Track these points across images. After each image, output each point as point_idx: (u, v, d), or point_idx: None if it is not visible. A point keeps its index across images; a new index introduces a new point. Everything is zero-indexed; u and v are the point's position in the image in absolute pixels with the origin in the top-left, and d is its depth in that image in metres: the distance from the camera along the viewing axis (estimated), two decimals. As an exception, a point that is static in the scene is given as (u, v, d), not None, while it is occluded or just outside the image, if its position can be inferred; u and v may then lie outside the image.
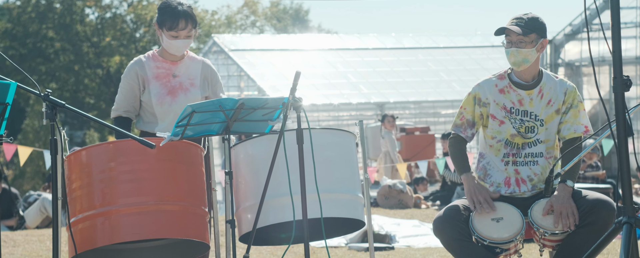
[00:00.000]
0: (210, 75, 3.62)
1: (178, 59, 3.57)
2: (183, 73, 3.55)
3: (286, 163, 3.22)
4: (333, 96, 16.56)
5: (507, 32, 3.35)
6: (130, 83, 3.52)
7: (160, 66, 3.54)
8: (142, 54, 3.67)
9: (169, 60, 3.56)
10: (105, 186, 3.02)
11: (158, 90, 3.50)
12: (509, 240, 3.25)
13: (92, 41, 27.18)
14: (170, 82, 3.52)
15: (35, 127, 23.68)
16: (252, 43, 18.70)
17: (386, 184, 8.83)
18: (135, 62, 3.55)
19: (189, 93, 3.52)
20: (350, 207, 3.43)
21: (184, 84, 3.53)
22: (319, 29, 36.42)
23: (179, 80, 3.53)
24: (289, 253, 5.50)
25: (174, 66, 3.55)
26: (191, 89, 3.53)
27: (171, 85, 3.52)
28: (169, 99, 3.50)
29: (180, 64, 3.56)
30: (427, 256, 5.44)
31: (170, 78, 3.53)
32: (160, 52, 3.59)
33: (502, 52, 18.45)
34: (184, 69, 3.56)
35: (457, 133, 3.48)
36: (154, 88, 3.50)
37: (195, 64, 3.60)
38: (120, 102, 3.55)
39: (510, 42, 3.35)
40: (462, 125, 3.47)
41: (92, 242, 3.00)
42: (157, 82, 3.51)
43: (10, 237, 6.36)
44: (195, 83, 3.55)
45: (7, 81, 2.76)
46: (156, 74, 3.52)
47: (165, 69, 3.54)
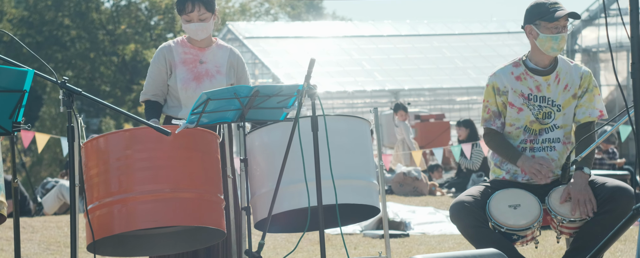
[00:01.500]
0: (236, 63, 3.64)
1: (205, 46, 3.59)
2: (210, 60, 3.58)
3: (301, 150, 3.23)
4: (347, 83, 16.53)
5: (558, 15, 3.28)
6: (159, 67, 3.56)
7: (188, 52, 3.57)
8: (157, 41, 3.69)
9: (197, 47, 3.59)
10: (122, 173, 3.04)
11: (184, 75, 3.53)
12: (526, 227, 3.24)
13: (108, 29, 27.29)
14: (197, 68, 3.55)
15: (52, 114, 23.85)
16: (266, 30, 18.69)
17: (401, 171, 8.83)
18: (164, 46, 3.59)
19: (214, 80, 3.54)
20: (365, 194, 3.44)
21: (211, 70, 3.56)
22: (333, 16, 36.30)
23: (205, 66, 3.56)
24: (304, 240, 5.53)
25: (202, 52, 3.58)
26: (217, 76, 3.56)
27: (197, 71, 3.55)
28: (193, 84, 3.52)
29: (208, 51, 3.59)
30: (443, 243, 5.44)
31: (197, 64, 3.55)
32: (188, 39, 3.62)
33: (517, 38, 18.31)
34: (211, 55, 3.59)
35: (489, 126, 3.46)
36: (180, 73, 3.53)
37: (222, 51, 3.62)
38: (149, 86, 3.58)
39: (557, 27, 3.31)
40: (490, 118, 3.46)
41: (110, 228, 3.03)
42: (183, 67, 3.54)
43: (29, 223, 6.44)
44: (222, 70, 3.57)
45: (24, 69, 2.78)
46: (183, 59, 3.55)
47: (193, 54, 3.57)
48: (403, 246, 5.39)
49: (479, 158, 9.20)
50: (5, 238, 5.77)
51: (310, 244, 5.55)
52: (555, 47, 3.33)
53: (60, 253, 5.52)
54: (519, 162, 3.37)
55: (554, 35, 3.32)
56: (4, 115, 2.80)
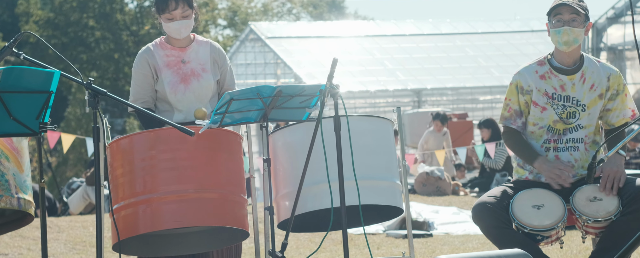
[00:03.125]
0: (219, 58, 3.55)
1: (185, 45, 3.50)
2: (193, 58, 3.49)
3: (324, 151, 3.23)
4: (369, 83, 16.51)
5: (559, 10, 3.28)
6: (144, 72, 3.47)
7: (170, 54, 3.48)
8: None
9: (177, 47, 3.49)
10: (147, 174, 3.06)
11: (170, 79, 3.45)
12: (550, 227, 3.21)
13: (131, 30, 27.53)
14: (182, 69, 3.47)
15: (77, 114, 24.12)
16: (288, 30, 18.73)
17: (424, 171, 8.79)
18: (144, 51, 3.50)
19: (201, 79, 3.47)
20: (388, 194, 3.43)
21: (196, 69, 3.48)
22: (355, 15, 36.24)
23: (190, 66, 3.48)
24: (327, 240, 5.53)
25: (183, 52, 3.49)
26: (203, 74, 3.48)
27: (183, 72, 3.47)
28: (182, 86, 3.46)
29: (189, 50, 3.49)
30: (466, 243, 5.41)
31: (180, 65, 3.47)
32: (167, 40, 3.53)
33: (541, 37, 18.15)
34: (194, 54, 3.50)
35: (508, 125, 3.43)
36: (166, 77, 3.45)
37: (203, 47, 3.53)
38: (137, 94, 3.48)
39: (560, 21, 3.29)
40: (511, 116, 3.43)
41: (135, 228, 3.06)
42: (168, 71, 3.46)
43: (55, 223, 6.52)
44: (206, 67, 3.49)
45: (51, 70, 2.82)
46: (167, 62, 3.47)
47: (175, 56, 3.48)
48: (426, 246, 5.36)
49: (502, 158, 9.13)
50: (32, 238, 5.85)
51: (333, 244, 5.55)
52: (560, 40, 3.29)
53: (86, 252, 5.58)
54: (536, 163, 3.33)
55: (557, 29, 3.29)
56: (31, 116, 2.84)
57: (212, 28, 29.76)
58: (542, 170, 3.31)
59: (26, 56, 2.98)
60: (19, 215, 3.26)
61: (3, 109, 2.77)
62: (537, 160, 3.33)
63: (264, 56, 18.43)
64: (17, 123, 2.82)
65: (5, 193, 3.07)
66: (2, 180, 3.07)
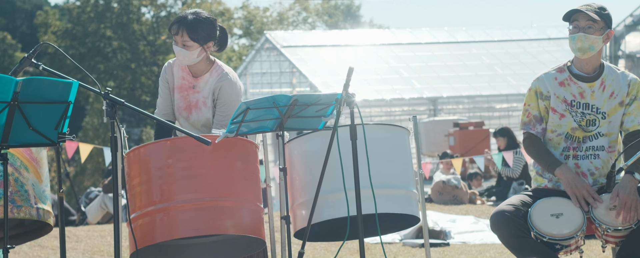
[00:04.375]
0: (218, 90, 3.43)
1: (200, 74, 3.46)
2: (201, 89, 3.48)
3: (340, 159, 3.22)
4: (385, 91, 16.50)
5: (575, 17, 3.27)
6: (164, 85, 3.54)
7: (185, 77, 3.50)
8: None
9: (191, 73, 3.49)
10: (164, 182, 3.08)
11: (178, 102, 3.50)
12: (569, 236, 3.18)
13: (148, 40, 27.75)
14: (189, 96, 3.49)
15: (94, 124, 24.31)
16: (304, 39, 18.78)
17: (440, 180, 8.75)
18: (167, 65, 3.55)
19: (200, 112, 3.47)
20: (404, 203, 3.42)
21: (199, 101, 3.48)
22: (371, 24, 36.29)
23: (196, 96, 3.48)
24: (344, 250, 5.51)
25: (196, 81, 3.48)
26: (203, 109, 3.47)
27: (189, 100, 3.49)
28: (185, 113, 3.50)
29: (201, 80, 3.47)
30: (484, 252, 5.38)
31: (190, 91, 3.49)
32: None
33: (558, 44, 18.05)
34: (203, 84, 3.48)
35: (528, 131, 3.41)
36: (176, 98, 3.51)
37: (213, 79, 3.47)
38: (160, 105, 3.56)
39: (577, 27, 3.28)
40: (530, 122, 3.41)
41: (152, 237, 3.07)
42: (178, 94, 3.51)
43: (73, 233, 6.55)
44: (208, 102, 3.47)
45: (69, 80, 2.84)
46: (180, 84, 3.51)
47: (188, 81, 3.50)
48: (443, 255, 5.33)
49: (519, 166, 9.07)
50: (51, 248, 5.89)
51: (350, 253, 5.54)
52: (575, 47, 3.28)
53: (104, 261, 5.60)
54: (557, 171, 3.30)
55: (572, 35, 3.28)
56: (49, 126, 2.86)
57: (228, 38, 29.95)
58: (564, 181, 3.28)
59: (45, 67, 3.01)
60: (38, 225, 3.29)
61: (22, 119, 2.80)
62: (559, 168, 3.30)
63: (280, 65, 18.50)
64: (36, 133, 2.85)
65: (25, 204, 3.10)
66: (22, 191, 3.10)
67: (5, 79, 2.73)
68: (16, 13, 30.35)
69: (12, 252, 5.33)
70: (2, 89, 2.73)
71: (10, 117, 2.78)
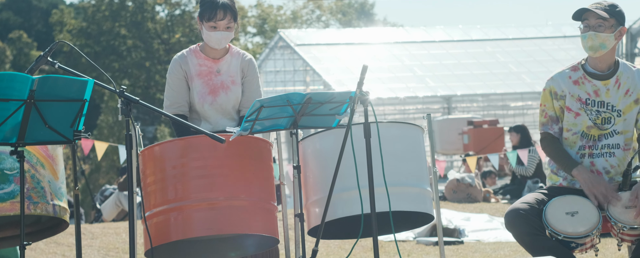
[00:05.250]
0: (246, 68, 3.56)
1: (220, 56, 3.52)
2: (225, 70, 3.52)
3: (354, 157, 3.22)
4: (399, 90, 16.46)
5: (585, 16, 3.26)
6: (178, 77, 3.50)
7: (203, 63, 3.51)
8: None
9: (211, 58, 3.52)
10: (178, 181, 3.09)
11: (200, 89, 3.49)
12: (584, 234, 3.16)
13: (162, 38, 27.86)
14: (213, 80, 3.50)
15: (109, 122, 24.45)
16: (317, 37, 18.78)
17: (454, 178, 8.72)
18: (178, 57, 3.54)
19: (229, 91, 3.50)
20: (418, 201, 3.41)
21: (226, 82, 3.51)
22: (385, 22, 36.20)
23: (221, 78, 3.50)
24: (357, 247, 5.51)
25: (216, 64, 3.51)
26: (232, 87, 3.51)
27: (213, 83, 3.50)
28: (210, 98, 3.49)
29: (222, 61, 3.52)
30: (498, 250, 5.36)
31: (212, 76, 3.50)
32: (202, 48, 3.56)
33: (574, 42, 17.94)
34: (226, 66, 3.52)
35: (546, 131, 3.40)
36: (196, 86, 3.49)
37: (235, 59, 3.55)
38: (172, 98, 3.50)
39: (587, 26, 3.26)
40: (548, 122, 3.39)
41: (167, 236, 3.08)
42: (199, 80, 3.49)
43: (89, 230, 6.60)
44: (236, 80, 3.52)
45: (85, 78, 2.86)
46: (198, 71, 3.51)
47: (207, 66, 3.51)
48: (457, 253, 5.32)
49: (533, 164, 9.02)
50: (67, 244, 5.93)
51: (363, 251, 5.53)
52: (586, 46, 3.27)
53: (119, 258, 5.64)
54: (574, 171, 3.28)
55: (583, 34, 3.26)
56: (65, 124, 2.88)
57: (242, 35, 29.98)
58: (582, 180, 3.26)
59: (61, 65, 3.03)
60: (54, 221, 3.31)
61: (38, 117, 2.82)
62: (575, 168, 3.28)
63: (293, 63, 18.51)
64: (52, 131, 2.87)
65: (41, 200, 3.12)
66: (38, 187, 3.12)
67: (21, 77, 2.75)
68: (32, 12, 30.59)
69: (29, 249, 5.38)
70: (18, 87, 2.75)
71: (27, 115, 2.80)
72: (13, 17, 29.89)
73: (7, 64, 26.60)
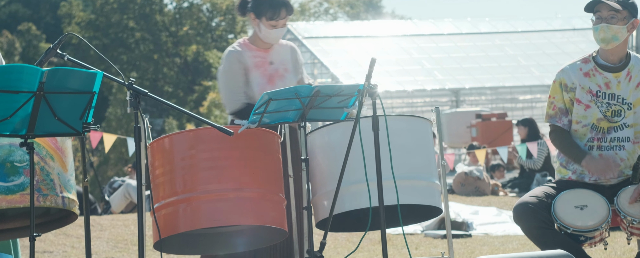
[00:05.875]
0: (299, 58, 3.72)
1: (269, 46, 3.63)
2: (277, 60, 3.63)
3: (362, 150, 3.22)
4: (407, 83, 16.43)
5: (597, 8, 3.24)
6: (236, 71, 3.55)
7: (257, 55, 3.61)
8: (218, 42, 3.73)
9: (262, 49, 3.62)
10: (186, 173, 3.10)
11: (259, 80, 3.57)
12: (593, 228, 3.15)
13: (170, 31, 27.87)
14: (268, 71, 3.60)
15: (117, 115, 24.52)
16: (325, 30, 18.75)
17: (462, 171, 8.71)
18: (233, 51, 3.57)
19: (285, 79, 3.60)
20: (426, 194, 3.41)
21: (279, 70, 3.62)
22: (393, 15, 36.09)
23: (275, 67, 3.61)
24: (365, 240, 5.52)
25: (267, 54, 3.62)
26: (286, 75, 3.62)
27: (269, 73, 3.60)
28: (269, 87, 3.57)
29: (273, 51, 3.63)
30: (506, 244, 5.35)
31: (267, 66, 3.60)
32: (252, 41, 3.63)
33: (583, 35, 17.83)
34: (276, 55, 3.64)
35: (554, 123, 3.38)
36: (254, 78, 3.56)
37: (284, 49, 3.67)
38: (238, 93, 3.52)
39: (599, 18, 3.24)
40: (556, 115, 3.38)
41: (175, 227, 3.09)
42: (257, 71, 3.58)
43: (97, 221, 6.63)
44: (288, 68, 3.63)
45: (94, 71, 2.86)
46: (255, 62, 3.59)
47: (261, 57, 3.61)
48: (465, 247, 5.31)
49: (541, 158, 8.99)
50: (76, 236, 5.96)
51: (371, 244, 5.54)
52: (598, 38, 3.25)
53: (128, 250, 5.66)
54: (583, 162, 3.28)
55: (595, 26, 3.25)
56: (74, 116, 2.89)
57: (250, 28, 29.94)
58: (590, 167, 3.26)
59: (70, 57, 3.04)
60: (63, 213, 3.32)
61: (48, 109, 2.83)
62: (585, 158, 3.27)
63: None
64: (62, 123, 2.88)
65: (51, 192, 3.13)
66: (48, 179, 3.14)
67: (31, 69, 2.76)
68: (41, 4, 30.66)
69: (38, 240, 5.40)
70: (28, 79, 2.76)
71: (36, 107, 2.81)
72: (22, 9, 29.97)
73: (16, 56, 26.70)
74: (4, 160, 3.09)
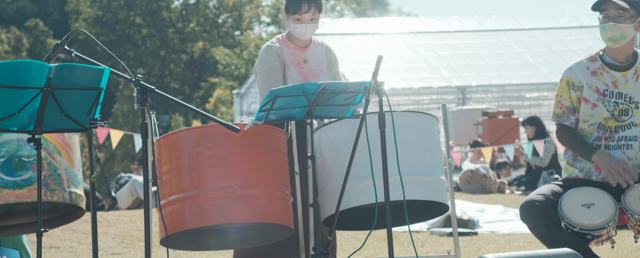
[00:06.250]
0: (334, 60, 3.72)
1: (306, 45, 3.64)
2: (312, 59, 3.63)
3: (368, 147, 3.22)
4: (413, 80, 16.39)
5: (605, 6, 3.22)
6: (275, 65, 3.54)
7: (293, 52, 3.62)
8: (224, 39, 3.72)
9: (299, 47, 3.63)
10: (193, 170, 3.10)
11: (295, 77, 3.58)
12: (600, 226, 3.14)
13: (177, 27, 27.90)
14: (303, 69, 3.60)
15: (124, 111, 24.57)
16: (332, 27, 18.72)
17: (468, 169, 8.69)
18: (272, 47, 3.58)
19: (319, 79, 3.60)
20: (433, 190, 3.40)
21: (314, 70, 3.62)
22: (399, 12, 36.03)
23: (309, 66, 3.62)
24: (371, 238, 5.52)
25: (304, 52, 3.63)
26: (320, 76, 3.62)
27: (304, 72, 3.60)
28: None
29: (309, 50, 3.64)
30: (512, 242, 5.34)
31: (302, 64, 3.61)
32: (288, 38, 3.65)
33: (591, 33, 17.76)
34: (312, 55, 3.64)
35: (561, 122, 3.37)
36: (291, 74, 3.57)
37: (320, 49, 3.68)
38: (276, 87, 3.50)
39: (607, 17, 3.23)
40: (564, 113, 3.37)
41: (182, 224, 3.10)
42: (294, 69, 3.59)
43: (104, 217, 6.65)
44: (323, 69, 3.63)
45: (101, 67, 2.87)
46: (292, 60, 3.60)
47: (297, 55, 3.62)
48: (472, 245, 5.31)
49: (548, 155, 8.97)
50: (83, 232, 5.98)
51: (377, 241, 5.54)
52: (605, 37, 3.24)
53: (134, 246, 5.68)
54: (594, 157, 3.26)
55: (602, 25, 3.24)
56: (82, 112, 2.90)
57: (256, 25, 29.96)
58: (601, 163, 3.24)
59: (77, 53, 3.04)
60: (70, 209, 3.33)
61: (55, 105, 2.84)
62: (595, 153, 3.26)
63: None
64: (69, 119, 2.89)
65: (58, 188, 3.14)
66: (55, 175, 3.15)
67: (38, 65, 2.77)
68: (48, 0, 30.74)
69: (45, 236, 5.44)
70: (35, 75, 2.77)
71: (44, 103, 2.82)
72: (29, 5, 30.05)
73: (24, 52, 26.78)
74: (12, 155, 3.10)
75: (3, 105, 2.77)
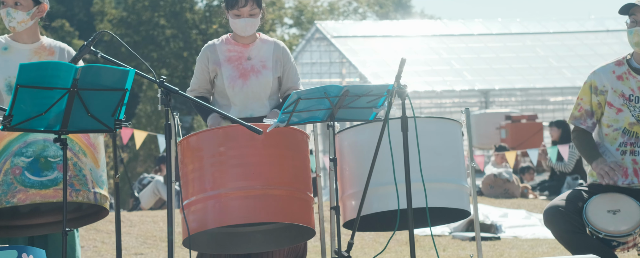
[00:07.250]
0: (282, 56, 3.61)
1: (250, 42, 3.58)
2: (255, 55, 3.57)
3: (391, 152, 3.20)
4: (435, 83, 16.31)
5: (632, 11, 3.19)
6: (202, 66, 3.59)
7: (233, 49, 3.57)
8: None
9: (241, 43, 3.58)
10: (216, 170, 3.11)
11: (230, 73, 3.53)
12: (627, 233, 3.10)
13: (200, 28, 28.07)
14: (243, 65, 3.55)
15: (147, 111, 24.76)
16: (354, 29, 18.70)
17: (491, 173, 8.63)
18: (208, 45, 3.61)
19: (260, 75, 3.54)
20: (455, 197, 3.38)
21: (256, 66, 3.55)
22: (422, 14, 35.90)
23: (251, 63, 3.56)
24: (393, 241, 5.50)
25: (246, 49, 3.57)
26: (263, 71, 3.55)
27: (243, 67, 3.55)
28: (240, 82, 3.52)
29: (253, 47, 3.58)
30: (536, 247, 5.29)
31: (242, 61, 3.55)
32: (233, 36, 3.62)
33: (617, 37, 17.54)
34: (256, 51, 3.58)
35: (577, 125, 3.35)
36: (225, 71, 3.53)
37: (267, 45, 3.61)
38: (194, 84, 3.62)
39: (635, 22, 3.19)
40: (581, 116, 3.34)
41: (204, 224, 3.11)
42: (229, 65, 3.54)
43: (127, 217, 6.71)
44: (267, 65, 3.56)
45: (127, 68, 2.90)
46: (228, 57, 3.56)
47: (238, 51, 3.57)
48: (494, 249, 5.27)
49: (572, 160, 8.87)
50: (106, 232, 6.04)
51: (398, 245, 5.52)
52: (632, 42, 3.21)
53: (157, 247, 5.72)
54: (594, 163, 3.24)
55: (629, 29, 3.20)
56: (107, 113, 2.92)
57: (278, 27, 30.03)
58: (597, 170, 3.21)
59: (103, 54, 3.08)
60: (95, 209, 3.37)
61: (81, 106, 2.87)
62: (596, 160, 3.23)
63: (330, 55, 18.46)
64: (95, 119, 2.92)
65: (83, 188, 3.18)
66: (80, 175, 3.18)
67: (65, 66, 2.80)
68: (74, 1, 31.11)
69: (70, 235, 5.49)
70: (62, 76, 2.80)
71: (70, 103, 2.85)
72: (56, 6, 30.42)
73: (49, 52, 27.07)
74: (38, 155, 3.14)
75: (30, 106, 2.81)
